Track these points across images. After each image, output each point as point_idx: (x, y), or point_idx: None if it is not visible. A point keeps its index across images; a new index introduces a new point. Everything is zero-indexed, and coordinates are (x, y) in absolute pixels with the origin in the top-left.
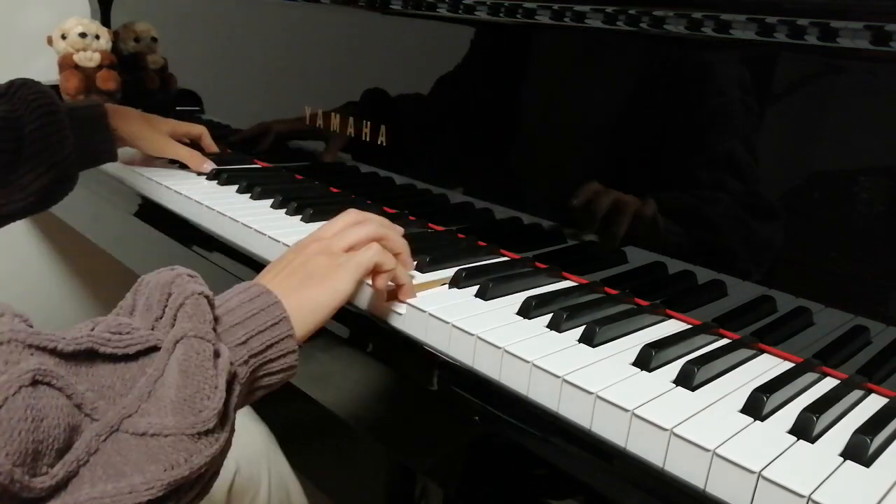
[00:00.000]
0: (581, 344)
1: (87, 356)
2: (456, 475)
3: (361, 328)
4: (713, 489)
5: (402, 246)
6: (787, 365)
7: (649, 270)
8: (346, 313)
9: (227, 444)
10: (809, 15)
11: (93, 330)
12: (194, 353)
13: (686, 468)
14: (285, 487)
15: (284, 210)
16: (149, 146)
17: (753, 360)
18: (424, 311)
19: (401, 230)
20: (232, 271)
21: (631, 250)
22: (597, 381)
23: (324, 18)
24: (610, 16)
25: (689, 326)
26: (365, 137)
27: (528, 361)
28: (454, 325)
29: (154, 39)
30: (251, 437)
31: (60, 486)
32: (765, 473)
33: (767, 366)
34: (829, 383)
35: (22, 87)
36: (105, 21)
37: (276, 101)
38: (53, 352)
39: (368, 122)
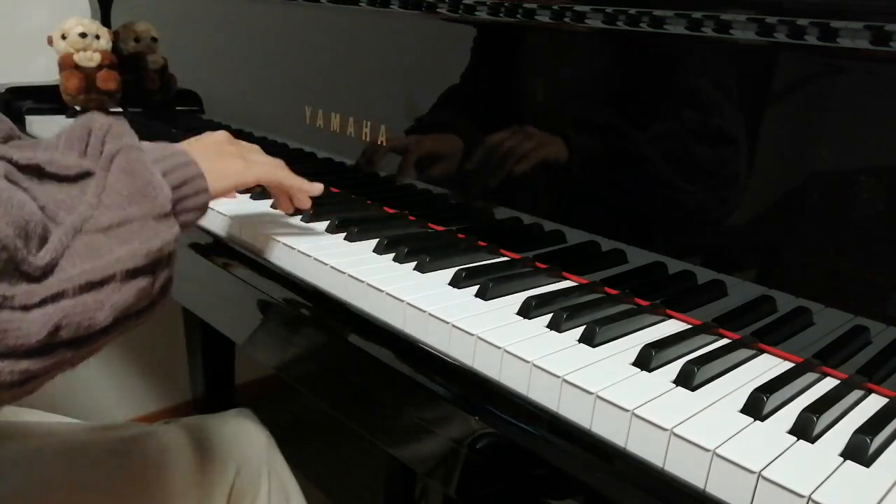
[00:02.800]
0: (581, 344)
1: (37, 172)
2: (456, 475)
3: (359, 327)
4: (713, 489)
5: (299, 184)
6: (787, 365)
7: (649, 270)
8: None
9: (178, 237)
10: (809, 15)
11: (23, 152)
12: (134, 158)
13: (686, 468)
14: (285, 490)
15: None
16: None
17: (753, 360)
18: (424, 311)
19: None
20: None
21: (631, 250)
22: (597, 381)
23: (324, 18)
24: (610, 16)
25: (689, 326)
26: (365, 137)
27: (528, 361)
28: (454, 325)
29: (154, 39)
30: (251, 440)
31: (48, 271)
32: (765, 473)
33: (767, 366)
34: (829, 383)
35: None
36: (105, 21)
37: (276, 101)
38: (10, 161)
39: (368, 122)
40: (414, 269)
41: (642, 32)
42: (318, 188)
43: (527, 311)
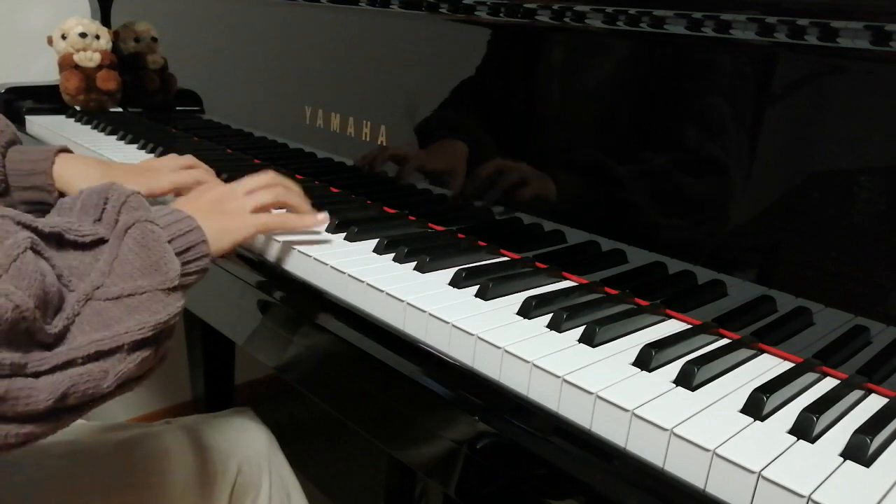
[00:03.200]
0: (581, 344)
1: (57, 240)
2: (456, 475)
3: (359, 327)
4: (713, 489)
5: (303, 206)
6: (787, 365)
7: (649, 270)
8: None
9: (182, 308)
10: (809, 15)
11: (47, 219)
12: (149, 231)
13: (686, 468)
14: (286, 489)
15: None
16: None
17: (753, 360)
18: (424, 311)
19: (298, 193)
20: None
21: (631, 250)
22: (597, 381)
23: (324, 18)
24: (610, 16)
25: (689, 326)
26: (365, 137)
27: (528, 361)
28: (454, 325)
29: (154, 39)
30: (252, 439)
31: (60, 338)
32: (765, 473)
33: (767, 366)
34: (829, 383)
35: None
36: (105, 21)
37: (276, 101)
38: (35, 230)
39: (368, 122)
40: (414, 269)
41: (642, 32)
42: (321, 219)
43: (527, 311)
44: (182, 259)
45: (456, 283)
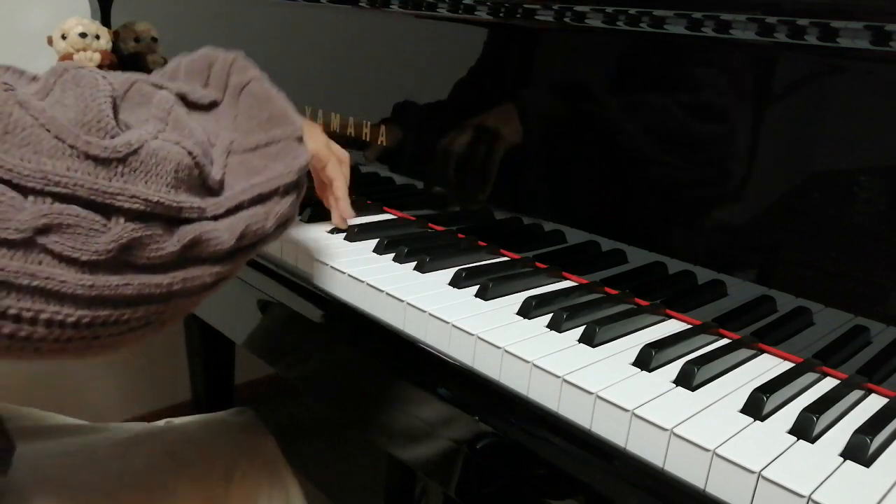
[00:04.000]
0: (581, 344)
1: (183, 101)
2: (456, 475)
3: (359, 327)
4: (713, 489)
5: (343, 198)
6: (787, 365)
7: (649, 270)
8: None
9: (310, 157)
10: (809, 15)
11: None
12: (264, 89)
13: (686, 468)
14: (286, 490)
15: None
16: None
17: (753, 360)
18: (424, 311)
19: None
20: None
21: (631, 250)
22: (597, 381)
23: (324, 18)
24: (610, 16)
25: (689, 326)
26: (365, 137)
27: (528, 361)
28: (454, 325)
29: (154, 39)
30: (252, 440)
31: (221, 186)
32: (765, 473)
33: (767, 366)
34: (829, 383)
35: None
36: (105, 21)
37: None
38: (167, 90)
39: (368, 122)
40: (414, 269)
41: (642, 32)
42: (349, 214)
43: (527, 311)
44: None
45: (456, 283)
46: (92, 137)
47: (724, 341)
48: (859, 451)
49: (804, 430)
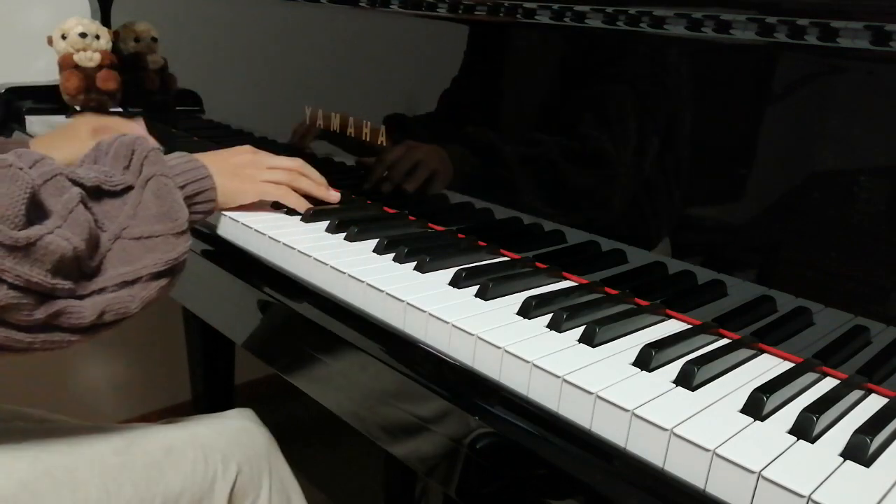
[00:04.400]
0: (581, 344)
1: (96, 191)
2: (456, 475)
3: (359, 327)
4: (713, 489)
5: (315, 191)
6: (787, 365)
7: (649, 270)
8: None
9: (189, 248)
10: (809, 15)
11: (89, 173)
12: (163, 184)
13: (686, 468)
14: (286, 491)
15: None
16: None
17: (753, 360)
18: (424, 311)
19: (318, 181)
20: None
21: (631, 250)
22: (597, 381)
23: (324, 18)
24: (610, 16)
25: (689, 326)
26: (365, 137)
27: (528, 361)
28: (454, 325)
29: (154, 39)
30: (252, 440)
31: (97, 270)
32: (765, 473)
33: (767, 366)
34: (829, 383)
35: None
36: (105, 21)
37: (276, 101)
38: (83, 186)
39: (368, 122)
40: (414, 269)
41: (642, 32)
42: (333, 196)
43: (527, 311)
44: (191, 201)
45: (456, 283)
46: (4, 227)
47: (724, 341)
48: (859, 451)
49: (804, 430)
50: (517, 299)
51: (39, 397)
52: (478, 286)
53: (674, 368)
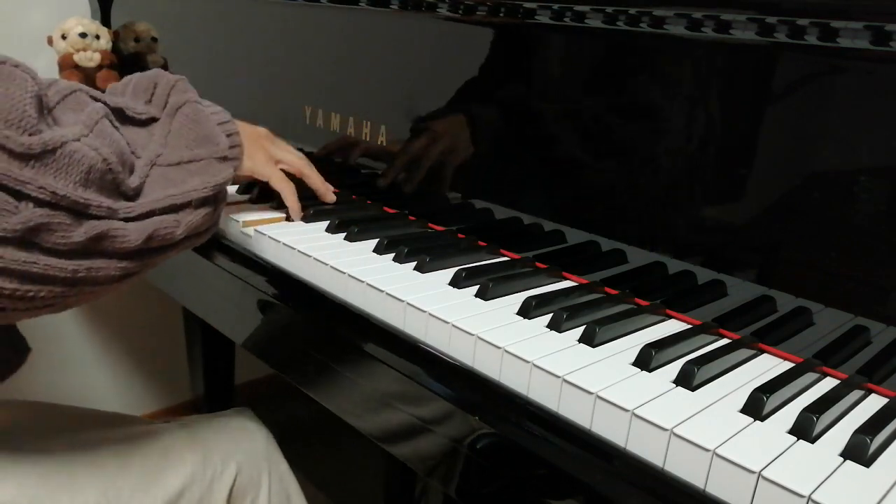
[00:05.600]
0: (581, 344)
1: (120, 115)
2: (456, 475)
3: (359, 327)
4: (713, 489)
5: (319, 185)
6: (787, 365)
7: (649, 270)
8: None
9: (232, 177)
10: (809, 15)
11: (112, 97)
12: (199, 110)
13: (686, 468)
14: (286, 490)
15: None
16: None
17: (753, 360)
18: (424, 311)
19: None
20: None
21: (631, 250)
22: (597, 381)
23: (324, 18)
24: (610, 16)
25: (689, 326)
26: (365, 137)
27: (528, 361)
28: (454, 325)
29: (154, 39)
30: (252, 440)
31: (138, 193)
32: (765, 473)
33: (767, 366)
34: (829, 383)
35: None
36: (105, 21)
37: (276, 101)
38: (104, 103)
39: (368, 122)
40: (414, 269)
41: (643, 32)
42: (330, 196)
43: (527, 311)
44: (228, 142)
45: (456, 283)
46: (12, 132)
47: (724, 341)
48: (859, 451)
49: (804, 430)
50: (517, 299)
51: (39, 397)
52: (478, 286)
53: (674, 368)
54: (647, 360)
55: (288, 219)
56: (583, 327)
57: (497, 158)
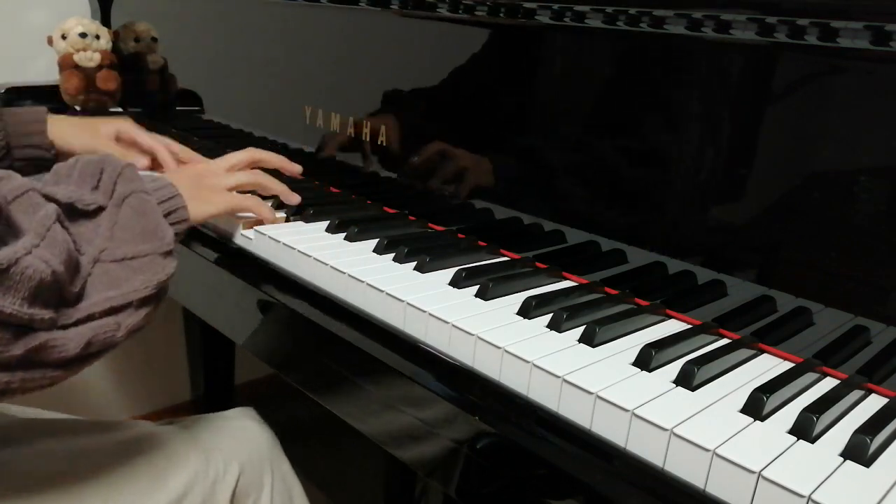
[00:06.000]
0: (581, 344)
1: (69, 210)
2: (456, 475)
3: (359, 327)
4: (713, 489)
5: (277, 187)
6: (787, 365)
7: (649, 270)
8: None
9: (175, 269)
10: (809, 15)
11: (61, 190)
12: (144, 201)
13: (686, 468)
14: (288, 490)
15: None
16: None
17: (753, 360)
18: (424, 311)
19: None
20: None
21: (631, 250)
22: (597, 381)
23: (324, 18)
24: (610, 16)
25: (689, 326)
26: (365, 137)
27: (528, 361)
28: (454, 325)
29: (154, 39)
30: (254, 440)
31: (79, 297)
32: (765, 473)
33: (767, 366)
34: (829, 383)
35: None
36: (105, 21)
37: (276, 101)
38: (57, 202)
39: (368, 122)
40: (414, 269)
41: (643, 32)
42: (293, 199)
43: (527, 311)
44: (169, 220)
45: (456, 283)
46: None
47: (724, 341)
48: (859, 451)
49: (804, 430)
50: (517, 299)
51: (39, 397)
52: (478, 286)
53: (674, 368)
54: (647, 360)
55: (288, 220)
56: (583, 327)
57: (497, 158)
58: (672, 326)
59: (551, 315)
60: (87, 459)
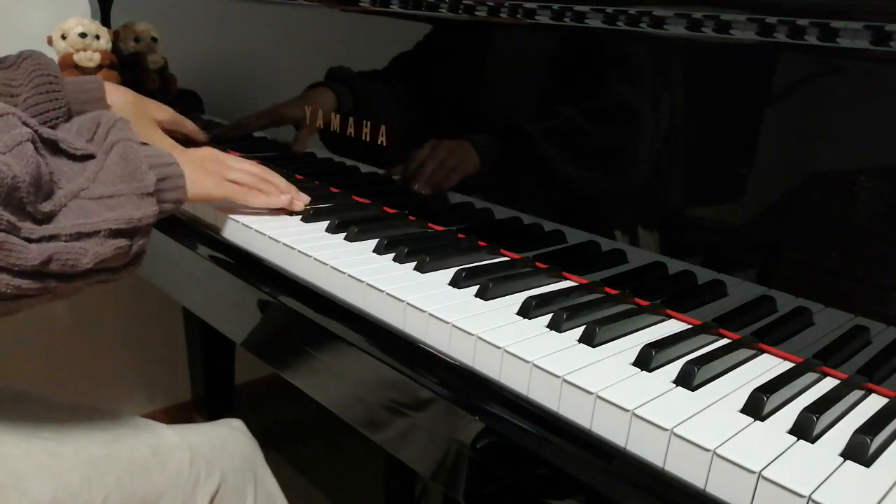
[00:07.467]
0: (581, 344)
1: (52, 146)
2: (456, 475)
3: (359, 327)
4: (713, 489)
5: (275, 201)
6: (787, 365)
7: (649, 270)
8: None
9: (156, 216)
10: (809, 15)
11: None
12: (130, 147)
13: (686, 468)
14: (272, 501)
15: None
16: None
17: (753, 360)
18: (425, 312)
19: (280, 188)
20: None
21: (631, 250)
22: (597, 381)
23: (324, 18)
24: (610, 16)
25: (689, 326)
26: (365, 137)
27: (528, 361)
28: (454, 325)
29: (154, 39)
30: (238, 449)
31: (48, 218)
32: (765, 473)
33: (767, 366)
34: (829, 383)
35: (27, 59)
36: (105, 21)
37: (276, 102)
38: (35, 131)
39: (368, 122)
40: (414, 269)
41: (642, 32)
42: (296, 206)
43: (527, 311)
44: (160, 185)
45: (456, 283)
46: None
47: (724, 341)
48: (859, 451)
49: (804, 430)
50: (517, 299)
51: (44, 388)
52: (478, 286)
53: (674, 368)
54: (647, 360)
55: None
56: (583, 327)
57: (497, 158)
58: (672, 326)
59: (551, 315)
60: (74, 438)
